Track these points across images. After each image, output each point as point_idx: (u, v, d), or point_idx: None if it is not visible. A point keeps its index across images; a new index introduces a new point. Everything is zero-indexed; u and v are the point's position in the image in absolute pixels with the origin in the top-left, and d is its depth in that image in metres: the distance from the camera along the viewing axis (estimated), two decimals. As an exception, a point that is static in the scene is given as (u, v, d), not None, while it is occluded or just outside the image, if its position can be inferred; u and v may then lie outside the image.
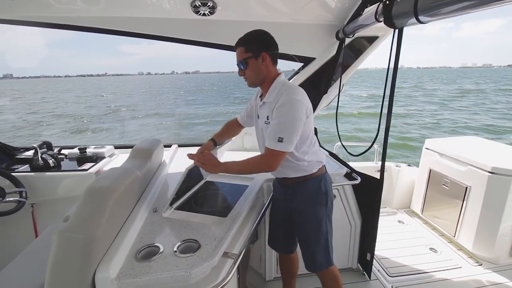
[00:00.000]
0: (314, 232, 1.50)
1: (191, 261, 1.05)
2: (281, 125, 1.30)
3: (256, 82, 1.44)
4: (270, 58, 1.40)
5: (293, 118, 1.30)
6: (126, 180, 1.21)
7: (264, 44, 1.41)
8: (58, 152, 2.45)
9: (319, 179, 1.49)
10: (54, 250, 0.91)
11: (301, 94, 1.36)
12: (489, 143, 2.85)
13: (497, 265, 2.31)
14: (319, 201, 1.48)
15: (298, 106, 1.31)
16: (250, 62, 1.39)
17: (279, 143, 1.29)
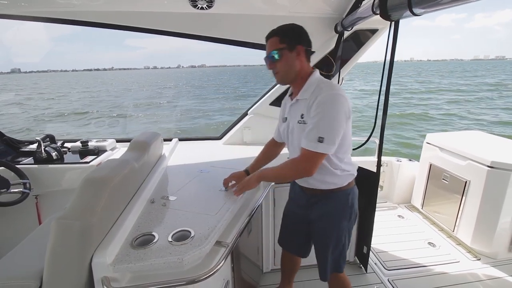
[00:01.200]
0: (333, 245, 1.41)
1: (184, 249, 1.08)
2: (322, 123, 1.16)
3: (288, 77, 1.32)
4: (305, 54, 1.30)
5: (336, 114, 1.16)
6: (123, 171, 1.25)
7: (300, 37, 1.30)
8: (61, 145, 2.50)
9: (347, 193, 1.37)
10: (53, 236, 0.95)
11: (343, 91, 1.23)
12: (489, 137, 2.82)
13: (495, 259, 2.30)
14: (343, 215, 1.38)
15: (342, 102, 1.18)
16: (284, 53, 1.27)
17: (319, 144, 1.16)
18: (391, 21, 1.51)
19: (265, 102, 2.59)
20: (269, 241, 2.04)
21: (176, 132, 13.75)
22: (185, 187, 1.68)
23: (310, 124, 1.20)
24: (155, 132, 1.97)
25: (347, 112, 1.20)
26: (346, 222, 1.40)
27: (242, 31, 2.23)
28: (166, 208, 1.41)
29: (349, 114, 1.23)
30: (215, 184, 1.70)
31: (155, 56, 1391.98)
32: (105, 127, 15.14)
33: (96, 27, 2.06)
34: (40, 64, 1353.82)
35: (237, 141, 2.67)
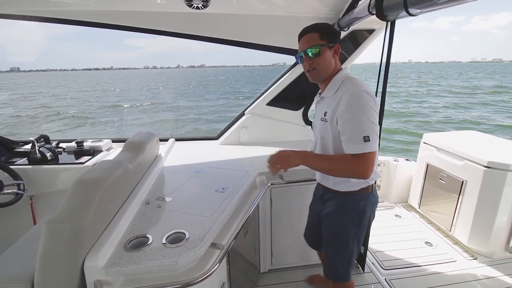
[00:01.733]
0: (339, 245, 1.39)
1: (178, 251, 1.07)
2: (361, 122, 1.11)
3: (324, 75, 1.29)
4: (337, 53, 1.30)
5: (369, 110, 1.13)
6: (116, 173, 1.23)
7: (338, 36, 1.32)
8: (55, 145, 2.47)
9: (359, 198, 1.33)
10: (43, 239, 0.93)
11: (368, 87, 1.19)
12: (486, 137, 2.83)
13: (491, 259, 2.31)
14: (351, 218, 1.35)
15: (371, 99, 1.15)
16: (324, 50, 1.24)
17: (366, 144, 1.10)
18: (387, 21, 1.50)
19: (262, 102, 2.58)
20: (267, 241, 2.04)
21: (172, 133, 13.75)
22: (181, 188, 1.67)
23: (347, 127, 1.15)
24: (150, 132, 1.95)
25: (374, 105, 1.16)
26: (354, 227, 1.36)
27: (239, 31, 2.22)
28: (161, 210, 1.40)
29: (377, 106, 1.19)
30: (211, 185, 1.69)
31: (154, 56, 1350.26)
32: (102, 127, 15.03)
33: (93, 27, 2.04)
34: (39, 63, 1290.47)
35: (234, 141, 2.66)
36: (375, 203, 1.39)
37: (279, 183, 1.92)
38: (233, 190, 1.60)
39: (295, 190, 1.96)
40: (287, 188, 1.95)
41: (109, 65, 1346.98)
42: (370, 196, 1.35)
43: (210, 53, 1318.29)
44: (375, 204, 1.40)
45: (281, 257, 2.12)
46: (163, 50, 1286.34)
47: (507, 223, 2.27)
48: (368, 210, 1.35)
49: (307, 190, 1.95)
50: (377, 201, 1.41)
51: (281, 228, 2.03)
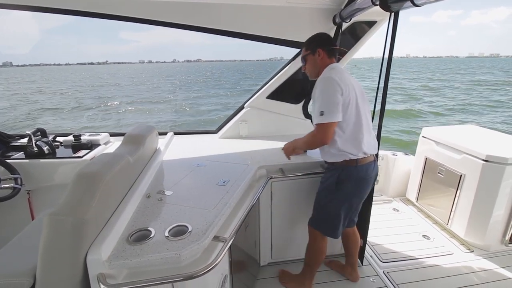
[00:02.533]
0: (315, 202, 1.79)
1: (181, 244, 1.06)
2: (319, 100, 1.47)
3: (313, 74, 1.69)
4: (326, 53, 1.62)
5: (327, 91, 1.45)
6: (117, 165, 1.21)
7: (321, 42, 1.65)
8: (52, 139, 2.44)
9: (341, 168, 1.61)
10: (45, 233, 0.92)
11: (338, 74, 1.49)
12: (485, 131, 2.85)
13: (488, 251, 2.34)
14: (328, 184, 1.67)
15: (331, 82, 1.46)
16: (308, 58, 1.67)
17: (321, 117, 1.45)
18: (391, 12, 1.49)
19: (262, 95, 2.56)
20: (267, 234, 2.04)
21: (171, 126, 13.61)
22: (182, 181, 1.66)
23: (314, 107, 1.52)
24: (149, 125, 1.93)
25: (337, 89, 1.44)
26: (328, 192, 1.68)
27: (238, 22, 2.18)
28: (162, 203, 1.39)
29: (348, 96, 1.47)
30: (212, 178, 1.68)
31: (150, 49, 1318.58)
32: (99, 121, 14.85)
33: (85, 17, 1.99)
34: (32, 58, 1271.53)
35: (234, 135, 2.64)
36: (362, 178, 1.61)
37: (280, 177, 1.91)
38: (234, 184, 1.59)
39: (295, 183, 1.95)
40: (288, 181, 1.94)
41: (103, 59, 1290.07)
42: (353, 170, 1.58)
43: (206, 47, 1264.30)
44: (362, 180, 1.61)
45: (281, 250, 2.13)
46: (158, 44, 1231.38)
47: (504, 217, 2.30)
48: (349, 181, 1.60)
49: (307, 183, 1.96)
50: (364, 177, 1.61)
51: (281, 222, 2.04)
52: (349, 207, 1.69)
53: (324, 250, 1.81)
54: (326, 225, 1.75)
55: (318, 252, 1.81)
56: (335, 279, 2.05)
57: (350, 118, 1.51)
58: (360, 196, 1.69)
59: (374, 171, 1.67)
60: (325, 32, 2.21)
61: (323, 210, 1.74)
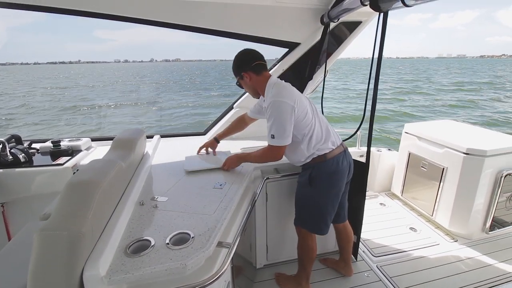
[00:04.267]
0: (295, 199, 1.83)
1: (185, 253, 1.01)
2: (271, 124, 1.53)
3: (254, 94, 1.75)
4: (252, 72, 1.62)
5: (279, 117, 1.51)
6: (111, 172, 1.14)
7: (242, 65, 1.64)
8: (28, 146, 2.27)
9: (311, 167, 1.69)
10: (36, 251, 0.83)
11: (287, 96, 1.53)
12: (464, 126, 3.00)
13: (470, 240, 2.47)
14: (304, 181, 1.72)
15: (282, 107, 1.50)
16: (241, 83, 1.70)
17: (272, 139, 1.54)
18: (381, 12, 1.51)
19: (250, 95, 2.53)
20: (263, 236, 2.02)
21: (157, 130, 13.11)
22: (176, 186, 1.59)
23: (267, 127, 1.57)
24: (138, 128, 1.84)
25: (288, 113, 1.51)
26: (304, 191, 1.74)
27: (225, 21, 2.14)
28: (158, 210, 1.32)
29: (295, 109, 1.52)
30: (208, 182, 1.63)
31: (126, 48, 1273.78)
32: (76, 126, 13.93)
33: (59, 14, 1.86)
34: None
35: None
36: (334, 171, 1.66)
37: (274, 177, 1.90)
38: (232, 186, 1.56)
39: (289, 183, 1.95)
40: (282, 181, 1.94)
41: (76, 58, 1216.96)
42: (323, 165, 1.66)
43: (185, 46, 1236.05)
44: (335, 172, 1.66)
45: (277, 251, 2.12)
46: (135, 43, 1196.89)
47: (483, 206, 2.43)
48: (321, 176, 1.66)
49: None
50: (336, 169, 1.66)
51: (276, 222, 2.02)
52: (329, 201, 1.72)
53: (314, 248, 1.82)
54: (310, 222, 1.78)
55: (308, 250, 1.81)
56: (331, 277, 2.07)
57: (311, 123, 1.60)
58: (337, 189, 1.71)
59: (346, 161, 1.70)
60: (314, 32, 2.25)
61: (304, 208, 1.78)
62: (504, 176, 2.34)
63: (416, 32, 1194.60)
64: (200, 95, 24.77)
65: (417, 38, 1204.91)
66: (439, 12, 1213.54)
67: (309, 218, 1.77)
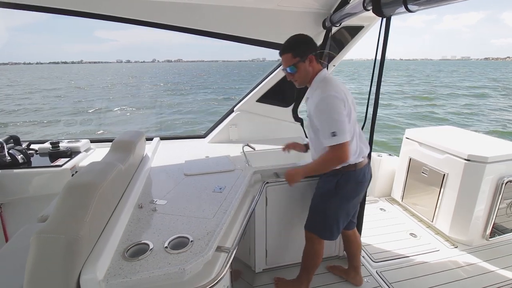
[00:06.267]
0: (312, 206, 1.77)
1: (184, 257, 1.00)
2: (327, 121, 1.42)
3: (304, 82, 1.60)
4: (315, 59, 1.54)
5: (333, 110, 1.41)
6: (109, 175, 1.12)
7: (309, 47, 1.53)
8: (27, 147, 2.26)
9: (335, 176, 1.62)
10: (33, 254, 0.82)
11: (334, 88, 1.44)
12: (464, 132, 3.00)
13: (471, 246, 2.45)
14: (327, 192, 1.66)
15: (334, 101, 1.42)
16: (299, 66, 1.52)
17: (334, 137, 1.40)
18: (384, 17, 1.51)
19: (252, 98, 2.53)
20: (262, 240, 2.00)
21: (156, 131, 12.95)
22: (175, 189, 1.58)
23: (321, 126, 1.46)
24: (138, 130, 1.83)
25: (341, 107, 1.42)
26: (326, 197, 1.68)
27: (228, 24, 2.14)
28: (157, 213, 1.31)
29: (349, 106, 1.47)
30: (207, 185, 1.62)
31: (128, 49, 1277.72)
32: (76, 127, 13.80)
33: (69, 15, 1.86)
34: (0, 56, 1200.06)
35: (223, 139, 2.58)
36: (360, 181, 1.62)
37: (275, 181, 1.89)
38: (231, 190, 1.54)
39: (290, 188, 1.93)
40: (282, 185, 1.92)
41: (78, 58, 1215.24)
42: (352, 174, 1.60)
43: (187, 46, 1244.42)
44: (360, 183, 1.62)
45: (276, 256, 2.10)
46: (137, 43, 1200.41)
47: (484, 213, 2.42)
48: (348, 185, 1.61)
49: (302, 187, 1.95)
50: (361, 180, 1.62)
51: (276, 227, 2.01)
52: (347, 210, 1.70)
53: (321, 253, 1.80)
54: (323, 228, 1.73)
55: (315, 255, 1.79)
56: (331, 282, 2.04)
57: (353, 129, 1.52)
58: (357, 199, 1.70)
59: (369, 173, 1.69)
60: (315, 35, 2.25)
61: (320, 214, 1.73)
62: (505, 183, 2.33)
63: (420, 34, 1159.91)
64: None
65: (421, 39, 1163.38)
66: (443, 14, 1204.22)
67: (324, 225, 1.72)
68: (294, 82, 1.61)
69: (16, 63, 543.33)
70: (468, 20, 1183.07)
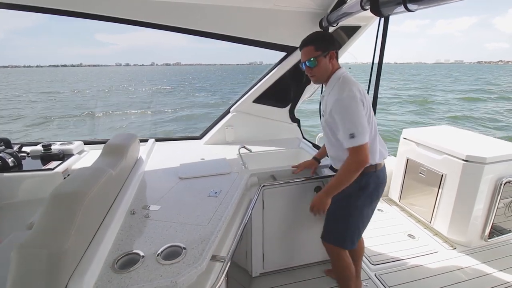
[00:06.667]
0: (332, 211, 1.62)
1: (176, 268, 0.96)
2: (346, 123, 1.36)
3: (323, 79, 1.53)
4: (335, 56, 1.49)
5: (351, 111, 1.35)
6: (98, 182, 1.08)
7: (332, 43, 1.48)
8: (18, 150, 2.21)
9: (360, 178, 1.48)
10: (14, 269, 0.78)
11: (350, 89, 1.38)
12: (462, 132, 2.98)
13: (469, 248, 2.44)
14: (355, 192, 1.54)
15: (354, 100, 1.36)
16: (320, 60, 1.46)
17: (353, 139, 1.35)
18: (382, 16, 1.48)
19: (248, 99, 2.49)
20: (259, 244, 1.96)
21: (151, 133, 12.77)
22: (169, 194, 1.54)
23: (340, 127, 1.40)
24: (131, 133, 1.79)
25: (361, 107, 1.37)
26: (346, 203, 1.57)
27: (225, 24, 2.10)
28: (149, 220, 1.27)
29: (364, 105, 1.39)
30: (202, 189, 1.58)
31: (127, 52, 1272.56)
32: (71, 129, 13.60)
33: (67, 16, 1.81)
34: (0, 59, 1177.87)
35: (219, 141, 2.54)
36: (380, 182, 1.57)
37: (272, 184, 1.85)
38: (227, 194, 1.51)
39: (287, 190, 1.90)
40: (279, 188, 1.89)
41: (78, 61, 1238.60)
42: (373, 176, 1.53)
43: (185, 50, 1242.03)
44: (380, 184, 1.57)
45: (273, 260, 2.06)
46: (136, 46, 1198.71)
47: (482, 214, 2.40)
48: (369, 187, 1.54)
49: (299, 190, 1.91)
50: (382, 181, 1.58)
51: (273, 230, 1.97)
52: (367, 213, 1.63)
53: (351, 262, 1.70)
54: (345, 237, 1.63)
55: (347, 267, 1.68)
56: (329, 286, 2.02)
57: (369, 128, 1.45)
58: (377, 201, 1.63)
59: (386, 175, 1.63)
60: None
61: (340, 222, 1.62)
62: (503, 184, 2.31)
63: (414, 38, 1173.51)
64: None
65: (415, 44, 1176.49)
66: (436, 19, 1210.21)
67: (345, 232, 1.62)
68: (311, 77, 1.54)
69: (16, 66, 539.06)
70: (461, 24, 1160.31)
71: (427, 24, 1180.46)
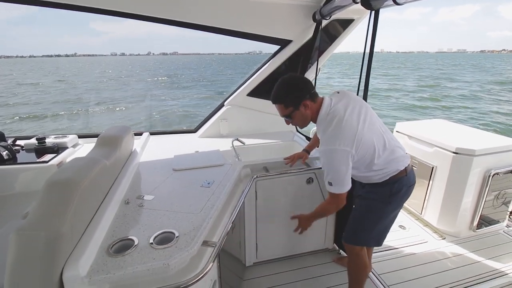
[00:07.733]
0: (359, 217, 1.64)
1: (168, 252, 0.99)
2: (326, 172, 1.40)
3: (305, 124, 1.55)
4: (310, 100, 1.43)
5: (332, 165, 1.37)
6: (92, 171, 1.10)
7: (301, 94, 1.41)
8: (12, 143, 2.21)
9: (385, 184, 1.53)
10: (13, 252, 0.80)
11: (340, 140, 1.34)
12: (453, 126, 3.03)
13: (458, 238, 2.50)
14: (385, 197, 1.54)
15: (335, 156, 1.36)
16: (294, 114, 1.45)
17: (330, 187, 1.40)
18: (372, 10, 1.51)
19: (242, 92, 2.51)
20: (252, 234, 2.00)
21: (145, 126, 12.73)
22: (163, 184, 1.57)
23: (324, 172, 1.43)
24: (125, 125, 1.80)
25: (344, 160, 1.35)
26: (376, 207, 1.58)
27: (218, 17, 2.11)
28: (143, 209, 1.30)
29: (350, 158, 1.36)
30: (195, 180, 1.61)
31: (122, 41, 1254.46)
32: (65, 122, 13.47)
33: (60, 9, 1.81)
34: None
35: (214, 134, 2.57)
36: (411, 185, 1.58)
37: (264, 175, 1.88)
38: (220, 184, 1.54)
39: (279, 181, 1.94)
40: (272, 179, 1.92)
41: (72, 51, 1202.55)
42: (405, 179, 1.53)
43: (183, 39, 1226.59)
44: (411, 187, 1.58)
45: (266, 249, 2.11)
46: (132, 36, 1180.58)
47: (471, 205, 2.46)
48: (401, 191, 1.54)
49: (292, 181, 1.95)
50: (412, 183, 1.58)
51: (266, 220, 2.01)
52: (397, 213, 1.64)
53: (368, 262, 1.73)
54: (371, 238, 1.65)
55: (365, 266, 1.70)
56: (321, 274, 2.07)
57: (379, 142, 1.44)
58: (408, 197, 1.63)
59: (415, 173, 1.65)
60: (306, 29, 2.24)
61: (367, 225, 1.62)
62: (492, 175, 2.37)
63: (416, 26, 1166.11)
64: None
65: (417, 32, 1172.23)
66: (439, 7, 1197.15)
67: (371, 234, 1.63)
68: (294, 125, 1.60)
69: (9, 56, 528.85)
70: (464, 12, 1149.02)
71: (430, 12, 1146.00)
